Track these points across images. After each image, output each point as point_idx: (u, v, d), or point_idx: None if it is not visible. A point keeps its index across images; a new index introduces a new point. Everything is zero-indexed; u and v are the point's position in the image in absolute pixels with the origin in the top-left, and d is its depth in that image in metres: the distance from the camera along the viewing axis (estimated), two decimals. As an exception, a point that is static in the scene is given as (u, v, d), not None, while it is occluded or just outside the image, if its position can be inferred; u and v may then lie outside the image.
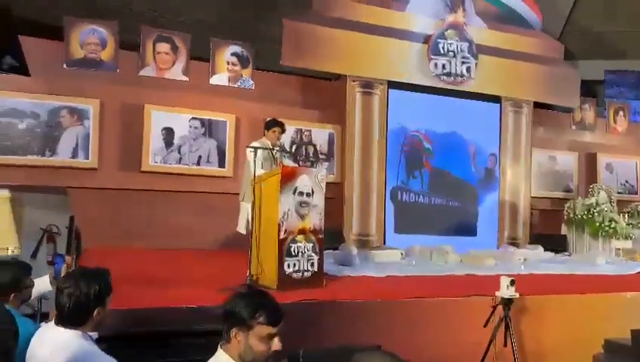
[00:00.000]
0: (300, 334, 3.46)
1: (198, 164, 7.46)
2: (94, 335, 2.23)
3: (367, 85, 8.37)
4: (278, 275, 4.38)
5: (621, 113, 11.39)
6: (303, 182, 4.63)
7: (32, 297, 3.18)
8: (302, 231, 4.59)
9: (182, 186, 7.34)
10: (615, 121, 11.33)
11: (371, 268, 6.03)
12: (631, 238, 8.63)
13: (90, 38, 7.21)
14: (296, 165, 7.39)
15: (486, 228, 9.21)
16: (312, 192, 4.67)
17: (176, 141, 7.33)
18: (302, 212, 4.60)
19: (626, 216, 8.95)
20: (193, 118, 7.45)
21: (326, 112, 8.45)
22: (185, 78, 7.68)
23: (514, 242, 9.15)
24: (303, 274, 4.55)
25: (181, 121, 7.38)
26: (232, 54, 7.99)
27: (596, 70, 13.89)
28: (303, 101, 8.46)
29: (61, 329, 2.15)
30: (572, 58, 12.19)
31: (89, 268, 2.32)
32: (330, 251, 6.60)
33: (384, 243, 8.26)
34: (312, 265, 4.63)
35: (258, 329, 2.00)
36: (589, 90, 12.74)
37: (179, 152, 7.35)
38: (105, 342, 2.65)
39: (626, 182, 10.90)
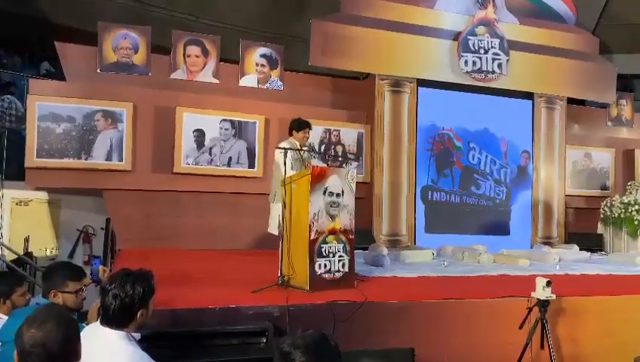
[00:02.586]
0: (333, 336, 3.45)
1: (229, 165, 7.52)
2: (137, 335, 2.28)
3: (396, 84, 8.31)
4: (309, 276, 4.38)
5: (660, 108, 11.02)
6: (333, 182, 4.61)
7: None
8: (332, 232, 4.57)
9: (213, 187, 7.41)
10: (654, 116, 10.98)
11: (402, 269, 5.98)
12: (671, 237, 8.36)
13: (122, 42, 7.35)
14: (325, 165, 7.41)
15: (519, 227, 9.05)
16: (343, 192, 4.65)
17: (207, 142, 7.41)
18: (332, 212, 4.59)
19: (667, 214, 8.65)
20: (223, 120, 7.52)
21: (355, 112, 8.42)
22: (215, 80, 7.77)
23: (548, 241, 8.96)
24: (334, 274, 4.54)
25: (212, 123, 7.46)
26: (261, 56, 8.04)
27: (633, 64, 13.49)
28: (332, 101, 8.46)
29: (106, 330, 2.21)
30: (608, 52, 11.87)
31: (133, 270, 2.37)
32: (360, 251, 6.58)
33: (414, 244, 8.19)
34: (343, 265, 4.62)
35: None
36: (626, 84, 12.40)
37: (210, 154, 7.43)
38: (140, 342, 2.70)
39: (666, 179, 10.54)
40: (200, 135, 7.38)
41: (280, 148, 4.94)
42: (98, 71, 7.30)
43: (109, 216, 7.15)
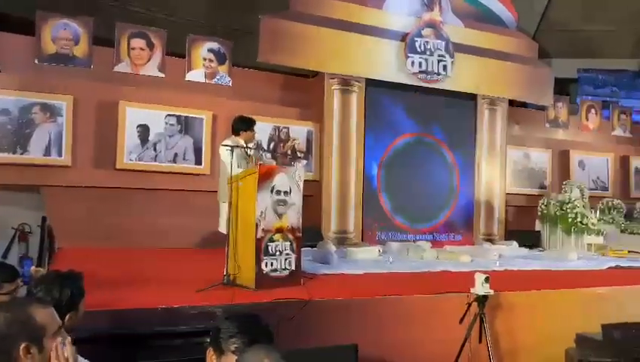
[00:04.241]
0: (277, 334, 3.45)
1: (174, 161, 7.38)
2: (67, 339, 2.20)
3: (346, 83, 8.38)
4: (255, 274, 4.37)
5: (593, 111, 11.63)
6: (281, 180, 4.62)
7: None
8: (279, 230, 4.59)
9: (158, 184, 7.24)
10: (587, 119, 11.58)
11: (349, 266, 6.06)
12: (602, 234, 8.82)
13: (62, 33, 7.06)
14: (274, 162, 7.38)
15: (462, 224, 9.32)
16: (290, 191, 4.67)
17: (151, 138, 7.23)
18: (279, 211, 4.60)
19: (597, 211, 9.15)
20: (169, 115, 7.36)
21: (304, 110, 8.43)
22: (160, 75, 7.59)
23: (489, 238, 9.28)
24: (280, 272, 4.55)
25: (157, 118, 7.28)
26: (209, 50, 7.92)
27: (569, 68, 14.19)
28: (282, 98, 8.43)
29: None
30: (546, 56, 12.41)
31: (61, 271, 2.28)
32: (309, 249, 6.62)
33: (362, 240, 8.30)
34: (290, 263, 4.63)
35: (229, 358, 1.82)
36: (563, 88, 13.00)
37: (154, 150, 7.25)
38: (79, 344, 2.62)
39: (598, 178, 11.14)
40: (144, 130, 7.19)
41: (225, 145, 4.88)
42: (36, 62, 6.99)
43: (44, 215, 6.86)
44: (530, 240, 9.12)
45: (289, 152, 8.11)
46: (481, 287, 4.17)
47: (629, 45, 14.86)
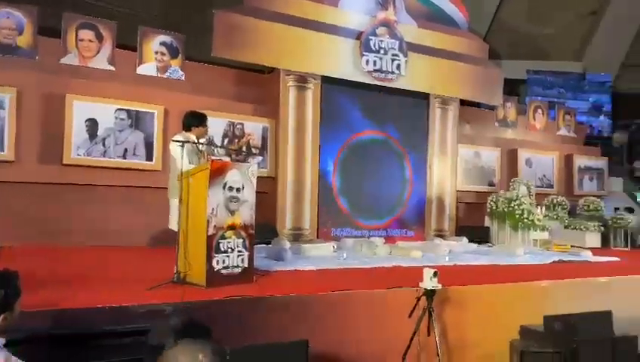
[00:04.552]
0: (228, 331, 3.44)
1: (124, 157, 7.19)
2: (1, 340, 2.12)
3: (301, 79, 8.38)
4: (206, 272, 4.32)
5: (540, 111, 12.09)
6: (233, 177, 4.58)
7: None
8: (232, 227, 4.54)
9: (107, 180, 7.05)
10: (534, 119, 12.02)
11: (303, 262, 6.07)
12: (547, 230, 9.18)
13: (4, 22, 6.77)
14: (229, 158, 7.31)
15: (415, 220, 9.49)
16: (243, 187, 4.63)
17: (100, 133, 7.03)
18: (232, 207, 4.55)
19: (543, 208, 9.50)
20: (119, 109, 7.17)
21: (260, 105, 8.38)
22: (110, 67, 7.38)
23: (440, 234, 9.50)
24: (232, 270, 4.51)
25: (106, 112, 7.08)
26: (161, 44, 7.77)
27: (518, 70, 14.68)
28: (236, 93, 8.35)
29: None
30: (496, 57, 12.79)
31: None
32: (264, 246, 6.60)
33: (317, 237, 8.33)
34: (242, 260, 4.60)
35: None
36: (513, 88, 13.46)
37: (103, 145, 7.05)
38: (23, 345, 2.53)
39: (544, 176, 11.59)
40: (92, 125, 6.98)
41: (175, 140, 4.79)
42: (-25, 51, 6.68)
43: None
44: (480, 235, 9.40)
45: (244, 148, 8.03)
46: (429, 282, 4.26)
47: (573, 48, 15.52)
